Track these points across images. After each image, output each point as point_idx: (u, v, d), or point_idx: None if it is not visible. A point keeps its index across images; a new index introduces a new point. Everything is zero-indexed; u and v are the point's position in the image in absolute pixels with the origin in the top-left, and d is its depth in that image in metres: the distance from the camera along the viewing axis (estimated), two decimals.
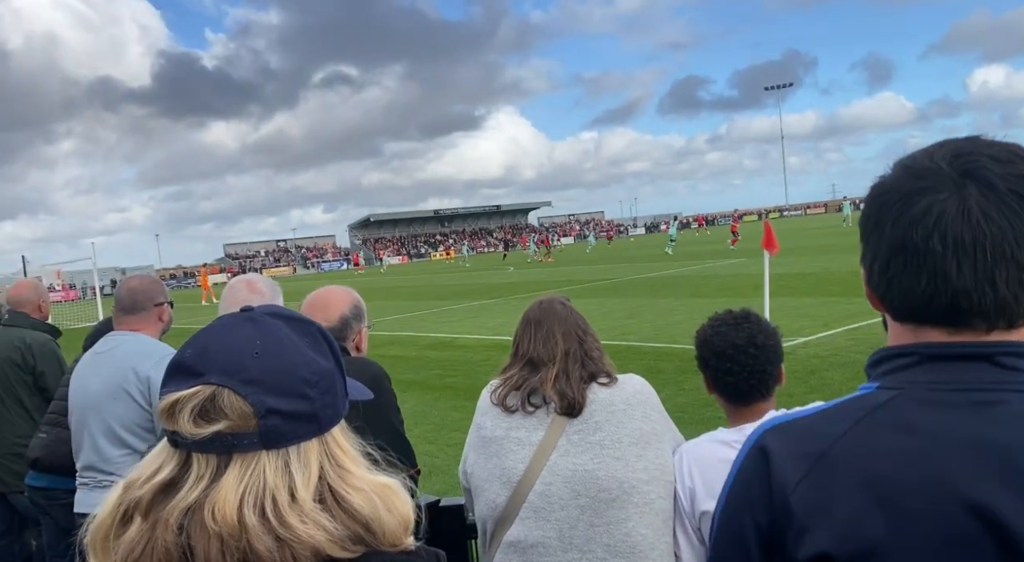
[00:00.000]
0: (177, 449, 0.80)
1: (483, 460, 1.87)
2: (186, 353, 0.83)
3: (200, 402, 0.78)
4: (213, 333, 0.84)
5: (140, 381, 2.72)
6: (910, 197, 0.82)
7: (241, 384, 0.79)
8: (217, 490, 0.77)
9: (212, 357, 0.81)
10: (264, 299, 2.57)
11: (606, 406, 1.82)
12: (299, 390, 0.81)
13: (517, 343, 1.97)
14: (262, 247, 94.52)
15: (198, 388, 0.79)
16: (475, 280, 31.27)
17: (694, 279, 20.63)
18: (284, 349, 0.83)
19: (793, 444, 0.84)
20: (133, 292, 2.95)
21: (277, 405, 0.79)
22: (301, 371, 0.82)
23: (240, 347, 0.81)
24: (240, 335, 0.83)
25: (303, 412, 0.81)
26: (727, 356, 1.84)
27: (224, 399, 0.78)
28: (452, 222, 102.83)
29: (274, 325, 0.85)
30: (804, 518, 0.80)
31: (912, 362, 0.84)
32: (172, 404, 0.79)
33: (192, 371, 0.80)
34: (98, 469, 2.78)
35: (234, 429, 0.78)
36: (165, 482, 0.79)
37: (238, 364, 0.80)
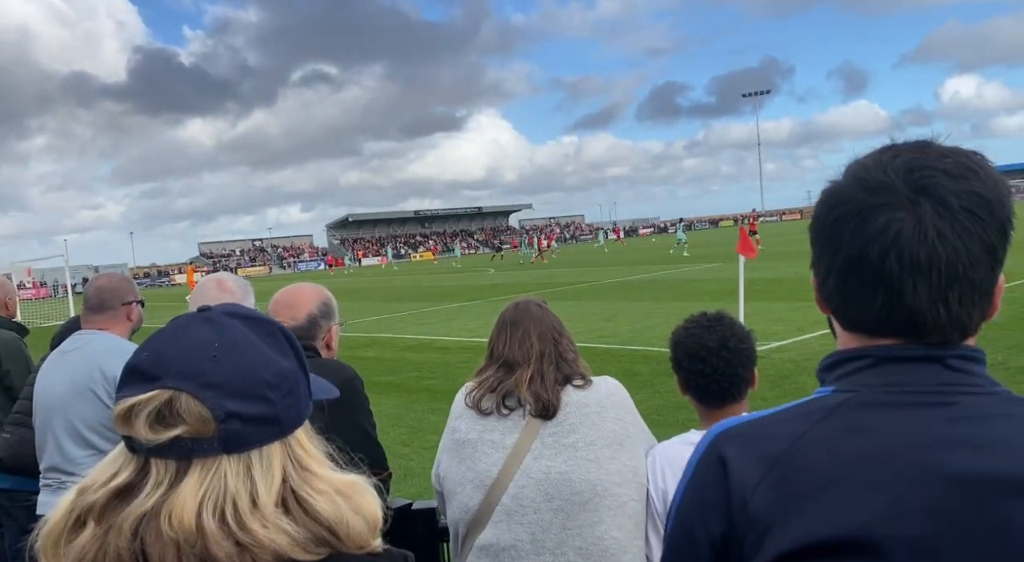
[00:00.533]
0: (135, 454, 0.77)
1: (456, 463, 1.85)
2: (141, 356, 0.80)
3: (157, 407, 0.76)
4: (169, 335, 0.82)
5: (107, 381, 2.67)
6: (867, 213, 0.82)
7: (199, 388, 0.76)
8: (175, 496, 0.75)
9: (168, 360, 0.78)
10: (234, 298, 2.54)
11: (580, 408, 1.81)
12: (259, 392, 0.79)
13: (492, 345, 1.96)
14: (238, 246, 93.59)
15: (154, 393, 0.76)
16: (453, 282, 31.21)
17: (672, 283, 20.76)
18: (243, 350, 0.80)
19: (749, 447, 0.84)
20: (101, 291, 2.89)
21: (237, 409, 0.77)
22: (261, 373, 0.80)
23: (197, 349, 0.79)
24: (197, 337, 0.80)
25: (264, 415, 0.79)
26: (699, 358, 1.85)
27: (182, 404, 0.76)
28: (433, 223, 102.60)
29: (232, 325, 0.82)
30: (763, 521, 0.79)
31: (866, 365, 0.85)
32: (128, 409, 0.76)
33: (148, 375, 0.78)
34: (62, 470, 2.72)
35: (193, 434, 0.76)
36: (121, 487, 0.77)
37: (196, 367, 0.78)
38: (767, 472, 0.81)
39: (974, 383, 0.83)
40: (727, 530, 0.82)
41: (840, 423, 0.82)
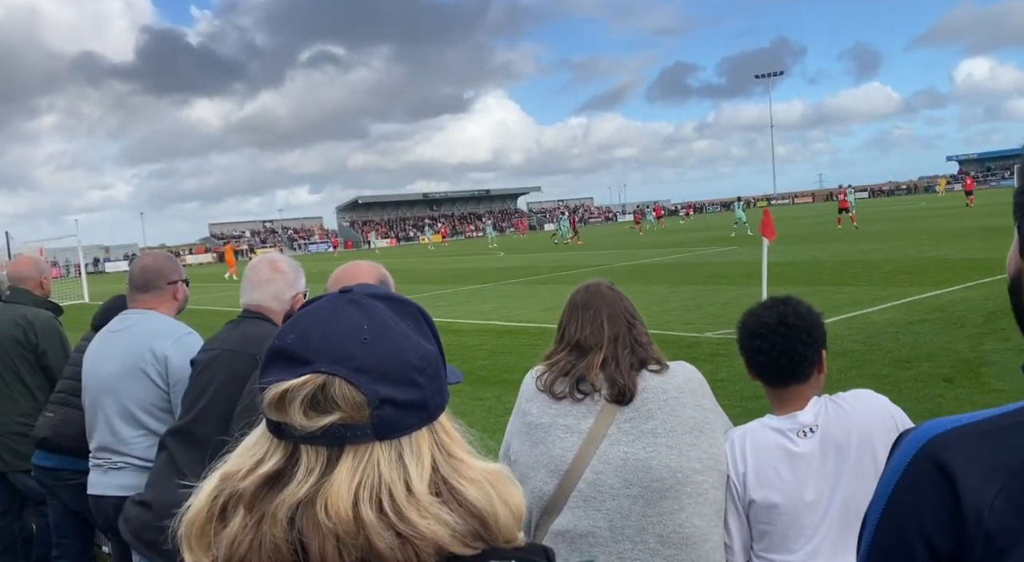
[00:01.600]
0: (283, 440, 0.75)
1: (529, 447, 1.82)
2: (287, 339, 0.77)
3: (311, 392, 0.73)
4: (314, 317, 0.78)
5: (157, 361, 2.66)
6: None
7: (353, 372, 0.73)
8: (329, 484, 0.72)
9: (318, 343, 0.75)
10: (287, 279, 2.52)
11: (658, 394, 1.78)
12: (409, 377, 0.76)
13: (564, 327, 1.92)
14: (248, 227, 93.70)
15: (307, 377, 0.73)
16: (463, 265, 31.18)
17: (685, 266, 20.66)
18: (391, 333, 0.77)
19: (977, 455, 0.74)
20: (146, 270, 2.88)
21: (390, 394, 0.74)
22: (410, 356, 0.77)
23: (347, 333, 0.76)
24: (345, 319, 0.77)
25: (415, 400, 0.76)
26: (758, 335, 1.86)
27: (336, 389, 0.73)
28: (441, 206, 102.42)
29: (376, 307, 0.79)
30: (1003, 538, 0.72)
31: None
32: (281, 394, 0.73)
33: (297, 358, 0.75)
34: (113, 450, 2.73)
35: (347, 420, 0.73)
36: (270, 474, 0.74)
37: (347, 351, 0.74)
38: (1004, 485, 0.72)
39: None
40: (955, 547, 0.74)
41: None
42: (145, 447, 2.65)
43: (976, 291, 11.46)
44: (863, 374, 7.09)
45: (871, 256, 18.12)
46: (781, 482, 1.77)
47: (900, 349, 7.97)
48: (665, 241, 34.71)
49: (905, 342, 8.25)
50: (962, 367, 7.05)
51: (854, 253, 19.44)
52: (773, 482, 1.77)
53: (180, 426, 2.38)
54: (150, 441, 2.64)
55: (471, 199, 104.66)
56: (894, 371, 7.11)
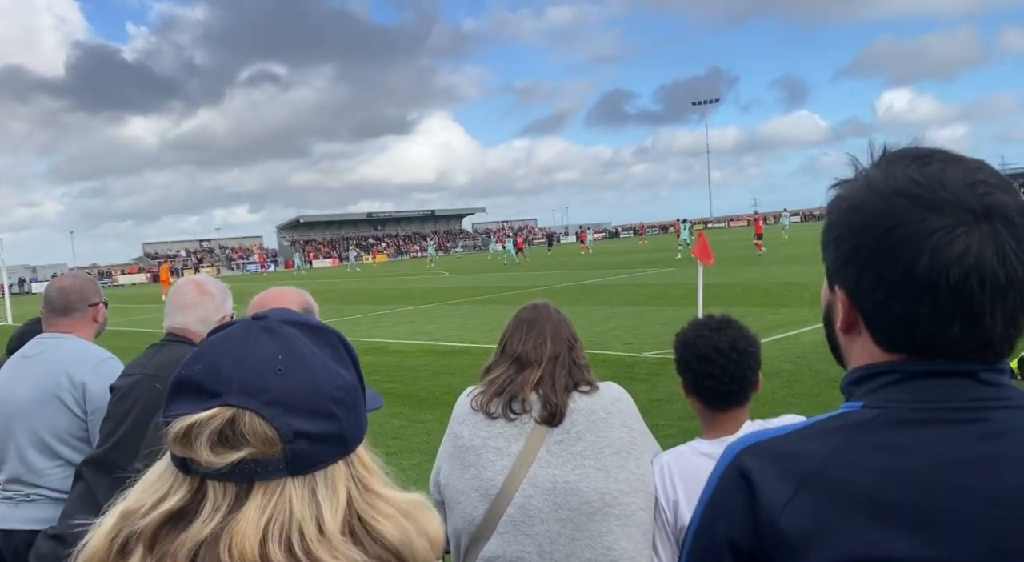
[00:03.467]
0: (187, 475, 0.71)
1: (459, 471, 1.81)
2: (195, 368, 0.74)
3: (219, 427, 0.70)
4: (226, 346, 0.75)
5: (75, 387, 2.55)
6: (940, 235, 0.79)
7: (264, 406, 0.71)
8: (236, 523, 0.69)
9: (228, 374, 0.72)
10: (215, 301, 2.45)
11: (586, 415, 1.79)
12: (326, 409, 0.74)
13: (506, 341, 1.93)
14: (183, 246, 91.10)
15: (215, 411, 0.70)
16: (408, 285, 30.95)
17: (626, 287, 20.97)
18: (308, 363, 0.75)
19: (777, 464, 0.82)
20: (65, 291, 2.76)
21: (304, 427, 0.71)
22: (326, 387, 0.74)
23: (260, 363, 0.73)
24: (258, 349, 0.74)
25: (331, 433, 0.74)
26: (709, 359, 1.85)
27: (246, 423, 0.70)
28: (385, 225, 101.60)
29: (292, 335, 0.77)
30: (796, 539, 0.78)
31: (894, 380, 0.83)
32: (187, 429, 0.70)
33: (205, 390, 0.71)
34: (24, 481, 2.59)
35: (257, 455, 0.70)
36: (173, 511, 0.70)
37: (259, 383, 0.72)
38: (797, 490, 0.79)
39: (1006, 397, 0.82)
40: (753, 545, 0.80)
41: (872, 441, 0.80)
42: (61, 478, 2.52)
43: None
44: (794, 393, 7.31)
45: (802, 278, 18.71)
46: None
47: (829, 369, 8.22)
48: (609, 262, 35.17)
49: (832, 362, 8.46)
50: None
51: (786, 275, 20.07)
52: None
53: (98, 455, 2.28)
54: (66, 472, 2.51)
55: (416, 219, 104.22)
56: (823, 390, 7.35)
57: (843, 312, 0.88)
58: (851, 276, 0.85)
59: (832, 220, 0.88)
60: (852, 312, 0.87)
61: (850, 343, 0.90)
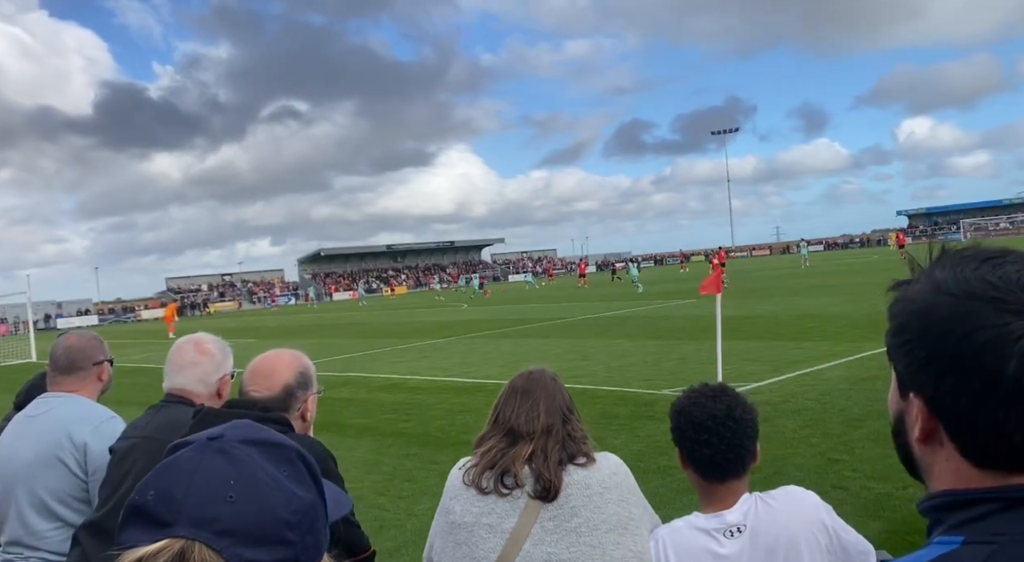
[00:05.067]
0: None
1: (451, 548, 1.76)
2: (147, 496, 0.72)
3: (168, 559, 0.68)
4: (178, 471, 0.74)
5: (76, 448, 2.53)
6: None
7: (214, 537, 0.69)
8: None
9: (179, 503, 0.71)
10: (214, 361, 2.44)
11: (582, 489, 1.74)
12: (279, 535, 0.72)
13: (499, 411, 1.88)
14: (206, 281, 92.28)
15: (165, 542, 0.69)
16: (424, 318, 31.00)
17: (645, 320, 20.82)
18: (261, 487, 0.74)
19: None
20: (71, 350, 2.76)
21: (255, 557, 0.70)
22: (280, 512, 0.73)
23: (211, 490, 0.72)
24: (211, 475, 0.73)
25: (284, 559, 0.72)
26: (705, 428, 1.81)
27: (195, 555, 0.69)
28: (405, 257, 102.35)
29: (247, 456, 0.76)
30: None
31: (997, 508, 0.76)
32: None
33: (156, 520, 0.70)
34: (25, 544, 2.56)
35: None
36: None
37: (210, 512, 0.70)
38: None
39: None
40: None
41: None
42: (60, 541, 2.50)
43: None
44: (816, 432, 7.13)
45: (826, 310, 18.48)
46: None
47: (852, 407, 8.05)
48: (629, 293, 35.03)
49: (857, 399, 8.34)
50: None
51: (810, 307, 19.82)
52: None
53: (95, 519, 2.25)
54: (65, 534, 2.48)
55: (436, 250, 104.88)
56: (846, 430, 7.16)
57: (921, 420, 0.81)
58: (928, 383, 0.80)
59: (900, 323, 0.83)
60: (931, 419, 0.81)
61: (931, 456, 0.83)
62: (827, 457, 6.33)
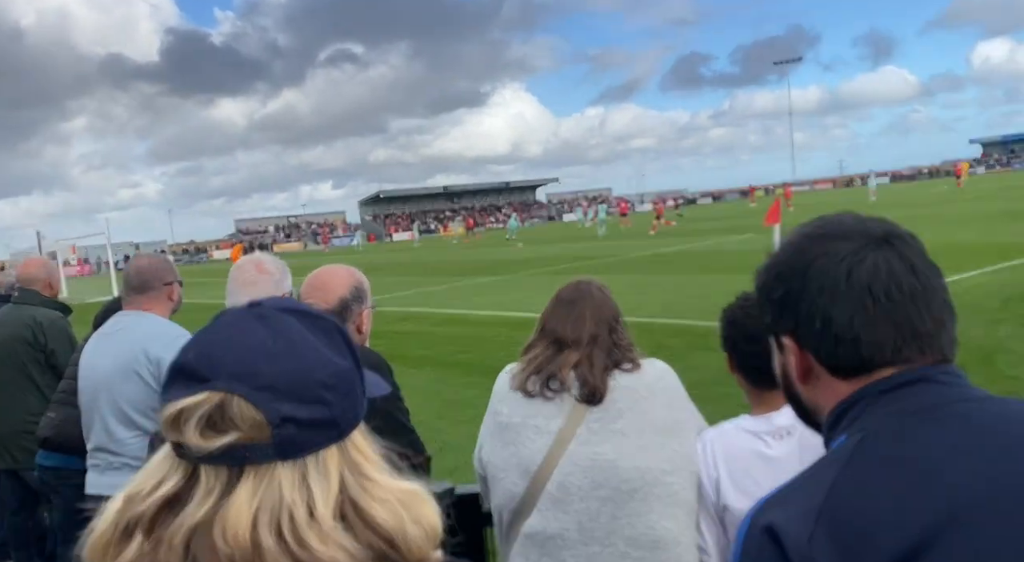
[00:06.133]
0: (182, 460, 0.73)
1: (500, 448, 1.81)
2: (188, 355, 0.75)
3: (207, 411, 0.71)
4: (218, 332, 0.77)
5: (151, 362, 2.70)
6: (854, 256, 0.89)
7: (253, 390, 0.71)
8: (228, 507, 0.70)
9: (219, 360, 0.73)
10: (273, 279, 2.53)
11: (628, 393, 1.76)
12: (316, 394, 0.74)
13: (545, 320, 1.89)
14: (272, 223, 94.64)
15: (204, 395, 0.71)
16: (482, 256, 31.19)
17: (702, 255, 20.50)
18: (299, 349, 0.75)
19: (788, 508, 0.84)
20: (142, 271, 2.91)
21: (293, 412, 0.72)
22: (318, 373, 0.75)
23: (250, 349, 0.74)
24: (249, 335, 0.75)
25: (321, 419, 0.74)
26: (757, 340, 1.78)
27: (234, 407, 0.71)
28: (461, 198, 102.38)
29: (286, 321, 0.77)
30: None
31: (865, 405, 0.89)
32: (176, 414, 0.71)
33: (196, 376, 0.73)
34: (109, 451, 2.77)
35: (246, 440, 0.71)
36: (169, 496, 0.72)
37: (249, 368, 0.72)
38: (815, 522, 0.80)
39: (966, 396, 0.87)
40: None
41: (868, 458, 0.83)
42: (140, 447, 2.68)
43: (994, 276, 11.24)
44: None
45: None
46: (756, 487, 1.72)
47: None
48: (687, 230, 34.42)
49: None
50: (977, 355, 6.92)
51: None
52: (747, 488, 1.73)
53: None
54: (145, 441, 2.67)
55: (491, 191, 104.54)
56: None
57: (796, 359, 0.94)
58: (790, 319, 0.93)
59: (761, 284, 0.98)
60: (804, 355, 0.93)
61: (813, 392, 0.95)
62: None
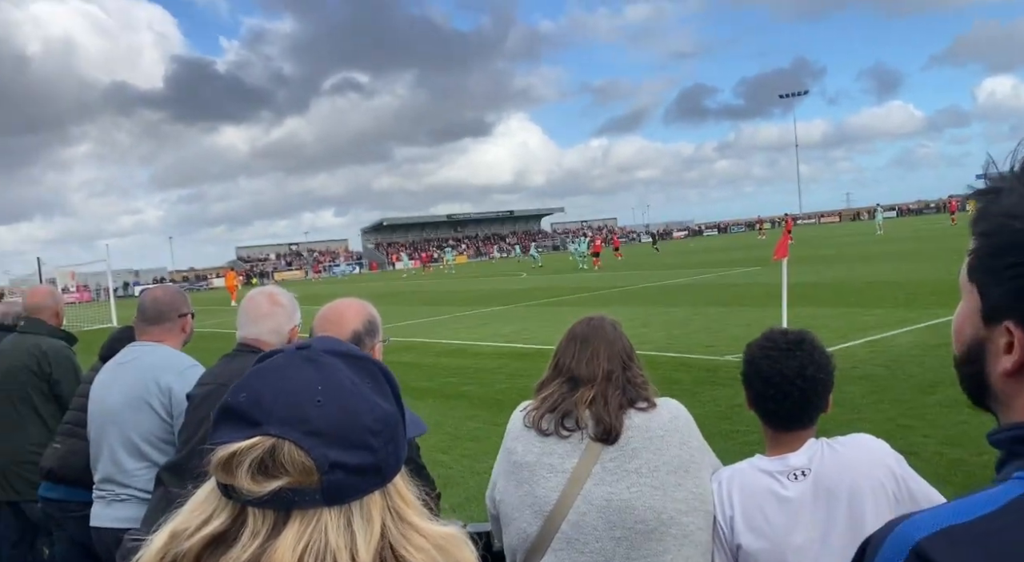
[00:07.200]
0: (229, 500, 0.73)
1: (514, 487, 1.80)
2: (240, 397, 0.76)
3: (259, 456, 0.71)
4: (269, 376, 0.77)
5: (161, 392, 2.68)
6: None
7: (303, 436, 0.72)
8: (273, 549, 0.70)
9: (270, 404, 0.74)
10: (285, 312, 2.53)
11: (643, 432, 1.75)
12: (363, 441, 0.74)
13: (559, 357, 1.89)
14: (274, 250, 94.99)
15: (256, 440, 0.72)
16: (484, 286, 31.22)
17: (708, 287, 20.48)
18: (347, 395, 0.76)
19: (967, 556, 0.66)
20: (158, 302, 2.92)
21: (341, 459, 0.72)
22: (364, 419, 0.75)
23: (300, 394, 0.74)
24: (300, 379, 0.76)
25: (367, 464, 0.74)
26: (772, 383, 1.77)
27: (285, 453, 0.71)
28: (465, 227, 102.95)
29: (334, 365, 0.78)
30: None
31: None
32: (229, 457, 0.72)
33: (248, 419, 0.73)
34: (116, 482, 2.74)
35: (294, 485, 0.71)
36: (215, 535, 0.73)
37: (299, 414, 0.73)
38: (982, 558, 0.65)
39: None
40: None
41: None
42: (147, 479, 2.65)
43: None
44: (884, 399, 6.94)
45: (898, 276, 17.83)
46: (769, 527, 1.71)
47: (924, 373, 7.78)
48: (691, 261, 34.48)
49: (930, 366, 8.05)
50: None
51: (881, 273, 19.14)
52: (760, 527, 1.72)
53: (176, 461, 2.38)
54: (152, 473, 2.64)
55: (495, 220, 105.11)
56: (917, 396, 6.94)
57: (1020, 352, 0.73)
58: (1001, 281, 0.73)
59: (1003, 242, 0.74)
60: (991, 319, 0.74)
61: (1016, 387, 0.75)
62: (897, 423, 6.16)
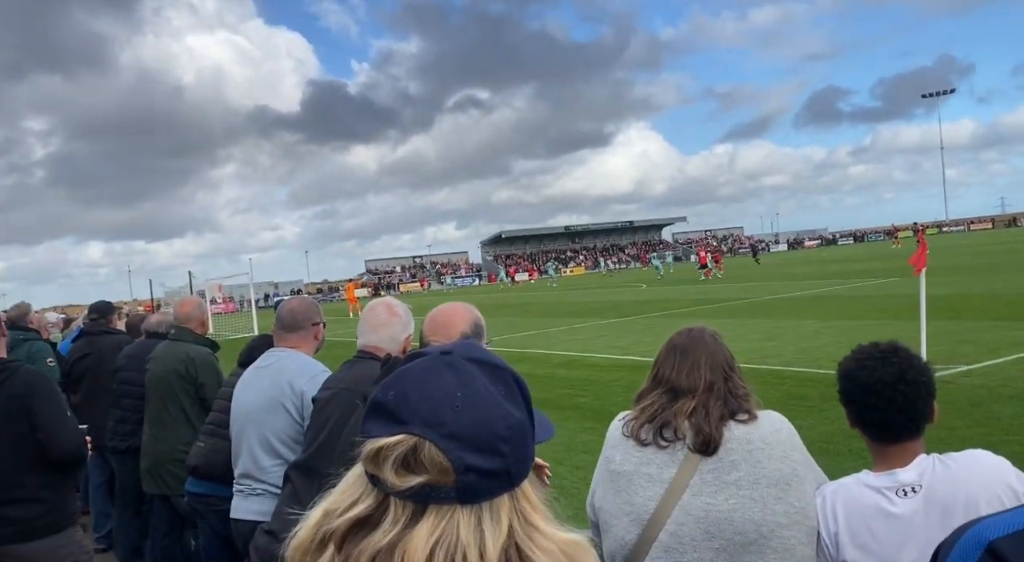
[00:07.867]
0: (375, 488, 0.80)
1: (612, 495, 1.82)
2: (388, 395, 0.82)
3: (403, 452, 0.77)
4: (414, 378, 0.84)
5: (295, 395, 2.90)
6: None
7: (442, 438, 0.77)
8: (410, 538, 0.76)
9: (415, 405, 0.80)
10: (401, 321, 2.67)
11: (743, 444, 1.73)
12: (494, 446, 0.79)
13: (658, 367, 1.89)
14: (399, 263, 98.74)
15: (401, 437, 0.78)
16: (602, 297, 31.02)
17: (841, 300, 19.39)
18: (482, 401, 0.81)
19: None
20: (294, 312, 3.17)
21: (474, 462, 0.78)
22: (497, 426, 0.80)
23: (441, 398, 0.80)
24: (441, 384, 0.82)
25: (498, 469, 0.79)
26: (874, 392, 1.73)
27: (425, 453, 0.77)
28: (583, 238, 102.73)
29: (472, 373, 0.83)
30: None
31: None
32: (377, 451, 0.79)
33: (394, 417, 0.80)
34: (253, 477, 2.98)
35: (433, 482, 0.77)
36: (361, 518, 0.79)
37: (440, 416, 0.79)
38: None
39: None
40: None
41: None
42: (280, 476, 2.86)
43: None
44: None
45: None
46: (876, 544, 1.65)
47: None
48: (820, 272, 32.78)
49: None
50: None
51: None
52: (867, 543, 1.66)
53: (302, 460, 2.55)
54: (283, 470, 2.85)
55: (614, 231, 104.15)
56: None
57: None
58: None
59: None
60: None
61: None
62: None
